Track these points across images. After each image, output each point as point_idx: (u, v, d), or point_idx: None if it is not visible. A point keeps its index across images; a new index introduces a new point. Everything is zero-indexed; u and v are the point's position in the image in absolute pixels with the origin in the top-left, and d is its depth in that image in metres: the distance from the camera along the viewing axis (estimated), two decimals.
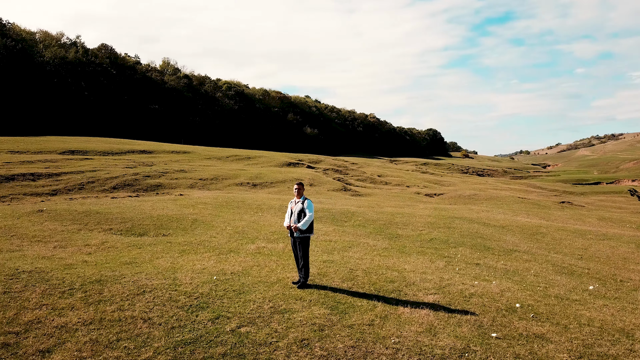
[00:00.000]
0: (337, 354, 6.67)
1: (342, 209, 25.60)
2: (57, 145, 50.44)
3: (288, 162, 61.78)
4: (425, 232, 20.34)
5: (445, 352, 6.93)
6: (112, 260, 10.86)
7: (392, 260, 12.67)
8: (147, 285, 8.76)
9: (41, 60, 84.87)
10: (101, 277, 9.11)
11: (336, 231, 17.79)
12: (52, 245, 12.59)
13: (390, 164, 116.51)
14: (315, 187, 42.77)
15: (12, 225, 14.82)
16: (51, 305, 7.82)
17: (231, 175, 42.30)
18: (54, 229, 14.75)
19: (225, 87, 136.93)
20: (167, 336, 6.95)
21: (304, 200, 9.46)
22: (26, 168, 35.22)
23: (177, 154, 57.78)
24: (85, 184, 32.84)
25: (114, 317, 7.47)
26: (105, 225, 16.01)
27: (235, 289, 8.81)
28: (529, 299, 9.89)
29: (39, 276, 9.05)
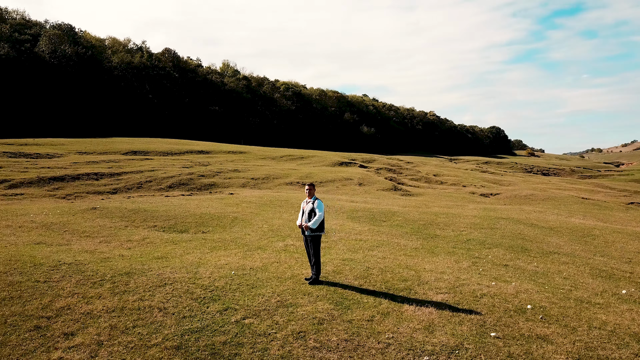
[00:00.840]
0: (330, 346, 7.05)
1: (385, 208, 25.73)
2: (121, 146, 53.42)
3: (340, 162, 62.22)
4: (465, 232, 20.19)
5: (435, 349, 7.16)
6: (146, 254, 11.72)
7: (415, 260, 12.84)
8: (170, 278, 9.47)
9: (109, 65, 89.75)
10: (130, 270, 9.93)
11: (370, 231, 18.04)
12: (97, 240, 13.67)
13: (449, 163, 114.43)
14: (364, 187, 42.96)
15: (67, 221, 16.14)
16: (82, 294, 8.66)
17: (282, 175, 43.25)
18: (103, 225, 15.94)
19: (283, 87, 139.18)
20: (177, 324, 7.59)
21: (314, 200, 9.89)
22: (91, 168, 37.65)
23: (234, 154, 59.63)
24: (143, 183, 34.70)
25: (134, 306, 8.20)
26: (150, 222, 17.09)
27: (249, 284, 9.36)
28: (544, 300, 9.83)
29: (77, 268, 9.97)
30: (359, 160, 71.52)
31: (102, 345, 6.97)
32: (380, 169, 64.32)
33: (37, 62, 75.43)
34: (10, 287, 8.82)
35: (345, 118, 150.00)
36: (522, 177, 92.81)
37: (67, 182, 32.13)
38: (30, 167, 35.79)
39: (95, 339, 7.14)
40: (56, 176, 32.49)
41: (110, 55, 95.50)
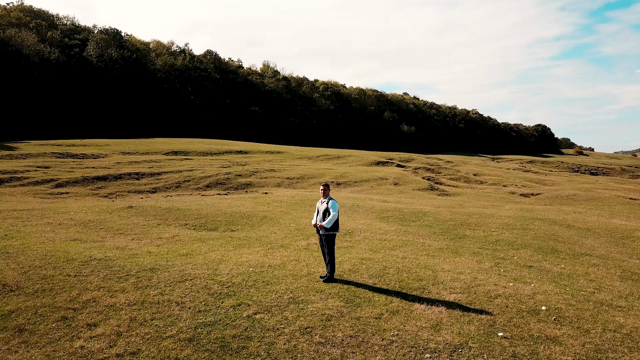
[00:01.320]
0: (334, 342, 7.28)
1: (416, 208, 25.66)
2: (162, 146, 55.06)
3: (377, 161, 62.09)
4: (496, 233, 19.96)
5: (439, 347, 7.27)
6: (172, 252, 12.24)
7: (436, 260, 12.88)
8: (190, 274, 9.91)
9: (153, 68, 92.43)
10: (155, 266, 10.43)
11: (397, 231, 18.11)
12: (130, 238, 14.32)
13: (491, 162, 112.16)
14: (399, 187, 42.81)
15: (104, 219, 16.93)
16: (107, 287, 9.19)
17: (317, 175, 43.61)
18: (137, 223, 16.64)
19: (322, 87, 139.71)
20: (192, 318, 7.98)
21: (329, 200, 10.11)
22: (132, 168, 39.05)
23: (271, 154, 60.46)
24: (182, 183, 35.74)
25: (154, 300, 8.65)
26: (182, 221, 17.72)
27: (265, 280, 9.69)
28: (561, 302, 9.74)
29: (106, 263, 10.55)
30: (396, 159, 71.14)
31: (121, 336, 7.43)
32: (418, 169, 63.82)
33: (85, 66, 78.54)
34: (43, 280, 9.45)
35: (384, 117, 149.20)
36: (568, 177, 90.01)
37: (109, 182, 33.47)
38: (76, 167, 37.46)
39: (115, 329, 7.61)
40: (99, 176, 33.90)
41: (154, 58, 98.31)
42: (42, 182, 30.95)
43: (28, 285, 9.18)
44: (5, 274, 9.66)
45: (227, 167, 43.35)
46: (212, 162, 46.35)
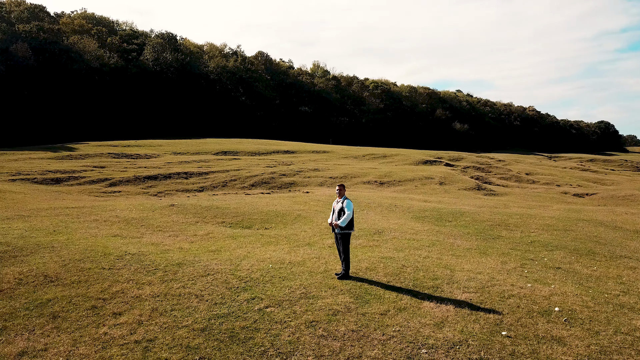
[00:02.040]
0: (336, 335, 7.63)
1: (456, 208, 25.48)
2: (212, 147, 56.81)
3: (425, 160, 61.52)
4: (534, 234, 19.62)
5: (437, 343, 7.48)
6: (203, 248, 12.91)
7: (459, 260, 12.94)
8: (213, 269, 10.50)
9: (206, 70, 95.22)
10: (182, 261, 11.10)
11: (429, 231, 18.16)
12: (167, 234, 15.15)
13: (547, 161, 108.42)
14: (445, 186, 42.37)
15: (146, 216, 17.93)
16: (136, 280, 9.91)
17: (361, 174, 43.81)
18: (176, 221, 17.52)
19: (372, 86, 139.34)
20: (208, 310, 8.53)
21: (344, 200, 10.44)
22: (182, 168, 40.63)
23: (317, 153, 61.10)
24: (228, 182, 36.89)
25: (176, 293, 9.28)
26: (219, 219, 18.49)
27: (282, 276, 10.14)
28: (577, 304, 9.66)
29: (138, 258, 11.32)
30: (445, 158, 70.16)
31: (142, 324, 8.07)
32: (467, 168, 62.74)
33: (141, 70, 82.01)
34: (80, 272, 10.29)
35: (436, 115, 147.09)
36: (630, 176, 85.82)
37: (159, 181, 35.02)
38: (129, 166, 39.39)
39: (137, 318, 8.26)
40: (150, 175, 35.52)
41: (207, 61, 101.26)
42: (97, 181, 32.80)
43: (66, 277, 10.03)
44: (48, 266, 10.57)
45: (273, 167, 44.29)
46: (258, 162, 47.46)
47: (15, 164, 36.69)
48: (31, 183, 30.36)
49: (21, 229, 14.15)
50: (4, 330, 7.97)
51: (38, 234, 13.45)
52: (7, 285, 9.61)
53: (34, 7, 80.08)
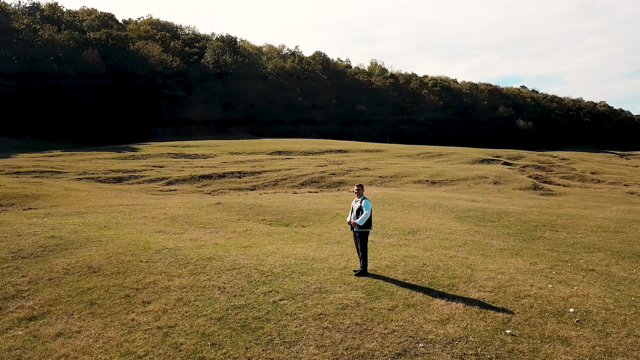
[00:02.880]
0: (340, 328, 8.05)
1: (502, 209, 25.08)
2: (267, 147, 58.23)
3: (481, 159, 60.22)
4: (580, 235, 19.14)
5: (437, 338, 7.74)
6: (236, 244, 13.64)
7: (486, 260, 12.96)
8: (239, 264, 11.16)
9: (264, 71, 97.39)
10: (213, 256, 11.84)
11: (468, 231, 18.11)
12: (208, 231, 16.03)
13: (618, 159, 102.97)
14: (498, 186, 41.45)
15: (192, 214, 18.97)
16: (168, 273, 10.73)
17: (412, 173, 43.61)
18: (219, 218, 18.43)
19: (431, 83, 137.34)
20: (227, 301, 9.18)
21: (362, 199, 10.81)
22: (237, 167, 42.04)
23: (370, 152, 61.22)
24: (279, 181, 37.86)
25: (201, 285, 9.99)
26: (260, 216, 19.25)
27: (301, 271, 10.65)
28: (596, 306, 9.56)
29: (174, 252, 12.18)
30: (504, 157, 68.31)
31: (166, 312, 8.82)
32: (526, 167, 60.85)
33: (202, 72, 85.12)
34: (120, 264, 11.24)
35: (498, 112, 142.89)
36: None
37: (214, 180, 36.48)
38: (186, 166, 41.23)
39: (163, 307, 9.03)
40: (205, 174, 37.07)
41: (266, 62, 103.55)
42: (155, 180, 34.65)
43: (107, 268, 11.00)
44: (93, 258, 11.61)
45: (324, 166, 44.92)
46: (310, 162, 48.26)
47: (82, 163, 39.35)
48: (95, 182, 32.53)
49: (76, 224, 15.45)
50: (48, 313, 8.95)
51: (89, 229, 14.66)
52: (56, 274, 10.68)
53: (103, 15, 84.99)
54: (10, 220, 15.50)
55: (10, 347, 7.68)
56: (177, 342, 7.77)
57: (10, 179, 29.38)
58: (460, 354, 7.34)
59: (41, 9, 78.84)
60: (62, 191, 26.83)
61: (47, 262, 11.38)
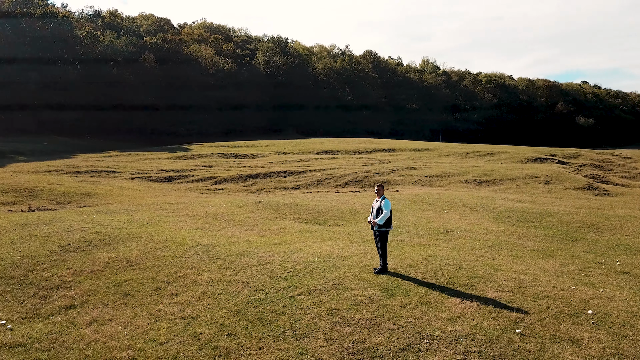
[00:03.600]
0: (350, 322, 8.38)
1: (546, 209, 24.51)
2: (315, 146, 58.90)
3: (534, 158, 58.45)
4: (626, 237, 18.53)
5: (443, 335, 7.93)
6: (266, 241, 14.16)
7: (514, 261, 12.89)
8: (265, 260, 11.66)
9: (314, 71, 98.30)
10: (242, 252, 12.41)
11: (504, 231, 17.92)
12: (244, 228, 16.67)
13: None
14: (549, 185, 40.26)
15: (232, 212, 19.71)
16: (197, 267, 11.37)
17: (459, 172, 43.02)
18: (257, 216, 19.07)
19: (485, 80, 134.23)
20: (248, 295, 9.69)
21: (382, 199, 11.06)
22: (283, 167, 42.90)
23: (419, 151, 60.70)
24: (323, 180, 38.36)
25: (227, 279, 10.56)
26: (297, 215, 19.75)
27: (322, 268, 11.02)
28: (618, 308, 9.42)
29: (206, 249, 12.84)
30: (559, 155, 65.98)
31: (191, 304, 9.43)
32: (582, 166, 58.59)
33: (252, 73, 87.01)
34: (156, 259, 12.00)
35: (556, 109, 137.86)
36: None
37: (260, 179, 37.44)
38: (235, 166, 42.45)
39: (189, 299, 9.64)
40: (252, 174, 38.09)
41: (316, 62, 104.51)
42: (204, 179, 35.95)
43: (144, 263, 11.78)
44: (132, 253, 12.44)
45: (368, 166, 45.05)
46: (355, 161, 48.50)
47: (136, 163, 41.31)
48: (147, 181, 34.14)
49: (121, 221, 16.47)
50: (86, 303, 9.75)
51: (133, 226, 15.61)
52: (97, 267, 11.55)
53: (160, 20, 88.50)
54: (64, 217, 16.71)
55: (48, 331, 8.48)
56: (197, 331, 8.33)
57: (69, 178, 31.36)
58: (464, 351, 7.51)
59: (102, 16, 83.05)
60: (115, 190, 28.40)
61: (90, 256, 12.30)
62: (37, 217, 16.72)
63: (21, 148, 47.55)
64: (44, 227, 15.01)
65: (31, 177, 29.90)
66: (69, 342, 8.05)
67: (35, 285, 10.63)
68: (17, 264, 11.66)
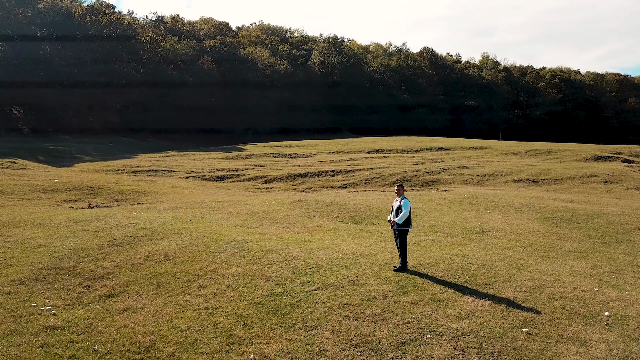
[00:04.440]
0: (358, 317, 8.76)
1: (597, 210, 23.70)
2: (366, 145, 59.05)
3: (597, 156, 55.92)
4: None
5: (447, 331, 8.16)
6: (298, 238, 14.69)
7: (542, 262, 12.78)
8: (291, 256, 12.19)
9: (369, 70, 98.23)
10: (271, 249, 13.00)
11: (543, 232, 17.62)
12: (281, 226, 17.29)
13: None
14: (609, 185, 38.57)
15: (272, 210, 20.40)
16: (227, 262, 12.06)
17: (513, 171, 41.97)
18: (296, 215, 19.66)
19: (549, 75, 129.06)
20: (269, 288, 10.25)
21: (402, 199, 11.31)
22: (332, 166, 43.43)
23: (474, 150, 59.50)
24: (370, 179, 38.56)
25: (252, 273, 11.17)
26: (335, 214, 20.19)
27: (343, 265, 11.41)
28: (637, 311, 9.24)
29: (239, 244, 13.52)
30: (625, 153, 62.69)
31: (215, 296, 10.10)
32: None
33: (307, 73, 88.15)
34: (191, 253, 12.80)
35: (627, 105, 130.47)
36: None
37: (308, 178, 38.14)
38: (285, 165, 43.42)
39: (214, 291, 10.32)
40: (301, 173, 38.87)
41: (371, 61, 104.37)
42: (254, 178, 37.07)
43: (180, 257, 12.61)
44: (170, 248, 13.32)
45: (419, 165, 44.77)
46: (406, 160, 48.31)
47: (192, 163, 43.11)
48: (200, 180, 35.63)
49: (167, 218, 17.50)
50: (123, 292, 10.64)
51: (176, 223, 16.58)
52: (137, 260, 12.49)
53: (218, 24, 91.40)
54: (115, 214, 17.97)
55: (86, 317, 9.38)
56: (216, 321, 8.97)
57: (128, 177, 33.30)
58: (464, 347, 7.72)
59: (165, 21, 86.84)
60: (169, 188, 29.91)
61: (133, 250, 13.28)
62: (91, 214, 18.08)
63: (88, 149, 50.71)
64: (96, 222, 16.25)
65: (93, 176, 32.01)
66: (102, 327, 8.89)
67: (81, 275, 11.67)
68: (68, 256, 12.80)
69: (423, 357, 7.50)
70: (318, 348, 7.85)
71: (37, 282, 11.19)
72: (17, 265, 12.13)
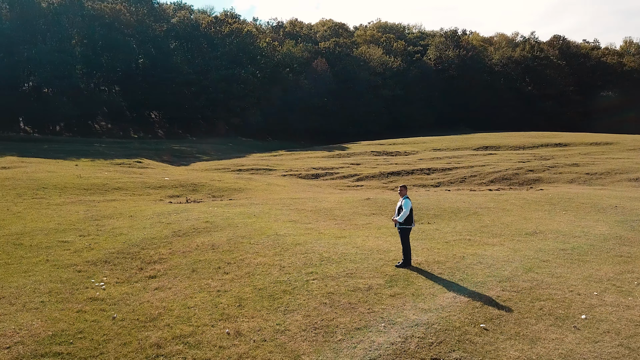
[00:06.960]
0: (333, 304, 9.80)
1: None
2: (475, 142, 57.38)
3: None
4: None
5: (402, 321, 8.89)
6: (334, 234, 15.77)
7: (571, 265, 12.53)
8: (313, 250, 13.39)
9: (490, 62, 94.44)
10: (302, 242, 14.30)
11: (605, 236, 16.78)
12: (334, 223, 18.48)
13: None
14: None
15: (336, 207, 21.61)
16: (259, 253, 13.60)
17: (631, 169, 38.37)
18: (356, 212, 20.68)
19: None
20: (277, 277, 11.60)
21: (404, 199, 11.94)
22: (430, 164, 43.28)
23: (596, 145, 54.90)
24: (467, 178, 37.94)
25: (272, 263, 12.59)
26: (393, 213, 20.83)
27: (352, 259, 12.36)
28: (622, 317, 9.08)
29: (278, 238, 15.01)
30: None
31: (232, 281, 11.69)
32: None
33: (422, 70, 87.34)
34: (234, 244, 14.58)
35: None
36: None
37: (400, 176, 38.60)
38: (382, 163, 44.19)
39: (233, 277, 11.93)
40: (394, 171, 39.43)
41: (493, 53, 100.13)
42: (347, 176, 38.46)
43: (223, 247, 14.45)
44: (219, 239, 15.23)
45: (525, 162, 42.74)
46: (512, 157, 46.32)
47: (293, 162, 45.70)
48: (296, 178, 37.88)
49: (234, 213, 19.58)
50: (164, 275, 12.68)
51: (238, 217, 18.56)
52: (189, 249, 14.56)
53: (335, 25, 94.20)
54: (192, 209, 20.50)
55: (125, 292, 11.50)
56: (219, 301, 10.55)
57: (231, 175, 36.59)
58: (407, 335, 8.42)
59: (284, 26, 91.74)
60: (263, 186, 32.43)
61: (189, 240, 15.41)
62: (175, 208, 20.81)
63: (208, 149, 55.93)
64: (173, 216, 18.82)
65: (201, 174, 35.73)
66: (130, 300, 10.92)
67: (141, 259, 13.99)
68: (137, 244, 15.28)
69: (366, 342, 8.34)
70: (284, 328, 9.03)
71: (105, 264, 13.68)
72: (96, 250, 14.83)
